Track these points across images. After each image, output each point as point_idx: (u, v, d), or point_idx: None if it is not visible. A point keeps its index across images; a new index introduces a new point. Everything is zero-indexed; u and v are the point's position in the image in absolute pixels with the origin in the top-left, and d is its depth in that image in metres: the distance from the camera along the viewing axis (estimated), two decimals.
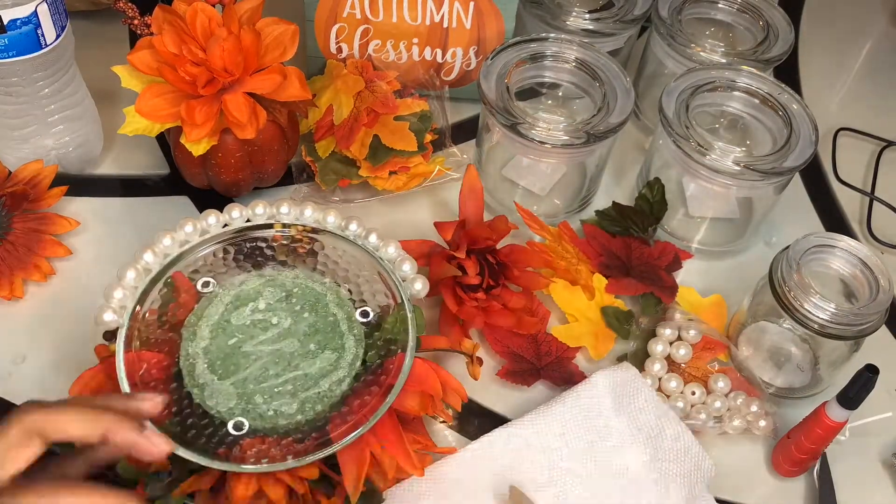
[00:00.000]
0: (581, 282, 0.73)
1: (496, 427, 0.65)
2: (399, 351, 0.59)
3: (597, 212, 0.79)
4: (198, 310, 0.62)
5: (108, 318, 0.59)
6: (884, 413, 0.69)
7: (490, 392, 0.69)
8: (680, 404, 0.68)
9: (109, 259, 0.73)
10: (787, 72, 1.00)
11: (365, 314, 0.62)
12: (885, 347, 0.75)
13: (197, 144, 0.68)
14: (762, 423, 0.67)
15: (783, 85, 0.77)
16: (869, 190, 0.88)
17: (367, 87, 0.79)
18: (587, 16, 0.82)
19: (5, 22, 0.65)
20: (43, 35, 0.68)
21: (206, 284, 0.63)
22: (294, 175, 0.79)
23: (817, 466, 0.66)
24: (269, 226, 0.66)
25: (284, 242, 0.66)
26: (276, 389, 0.58)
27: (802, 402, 0.70)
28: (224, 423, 0.57)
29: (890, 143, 0.93)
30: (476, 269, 0.68)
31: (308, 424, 0.57)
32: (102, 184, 0.79)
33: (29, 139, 0.74)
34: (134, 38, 0.70)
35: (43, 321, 0.69)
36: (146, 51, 0.68)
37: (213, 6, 0.67)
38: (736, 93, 0.78)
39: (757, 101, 0.77)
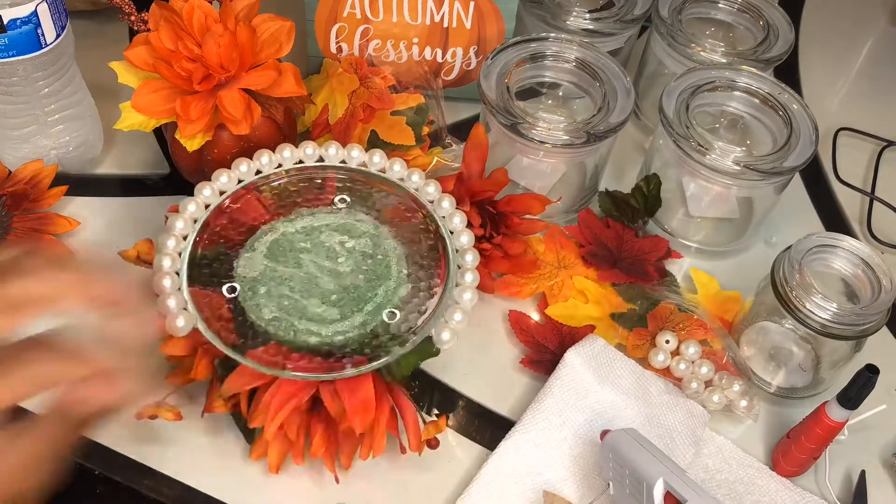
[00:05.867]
0: (569, 291, 0.74)
1: (491, 425, 0.66)
2: (368, 359, 0.59)
3: (599, 193, 0.80)
4: (317, 211, 0.66)
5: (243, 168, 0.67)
6: (883, 412, 0.69)
7: (487, 392, 0.69)
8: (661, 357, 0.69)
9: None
10: (787, 72, 1.00)
11: (392, 315, 0.62)
12: (885, 347, 0.75)
13: (192, 140, 0.68)
14: (743, 402, 0.67)
15: (783, 85, 0.77)
16: (869, 190, 0.88)
17: (361, 83, 0.79)
18: (587, 15, 0.82)
19: (5, 21, 0.65)
20: (43, 35, 0.68)
21: (342, 201, 0.67)
22: None
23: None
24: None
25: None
26: (278, 293, 0.61)
27: (804, 402, 0.70)
28: (228, 286, 0.61)
29: (890, 143, 0.93)
30: (479, 221, 0.69)
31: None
32: (102, 183, 0.79)
33: (29, 139, 0.74)
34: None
35: (42, 321, 0.69)
36: (142, 47, 0.68)
37: (210, 2, 0.68)
38: (736, 93, 0.78)
39: (757, 100, 0.77)
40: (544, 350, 0.70)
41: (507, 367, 0.70)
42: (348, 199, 0.67)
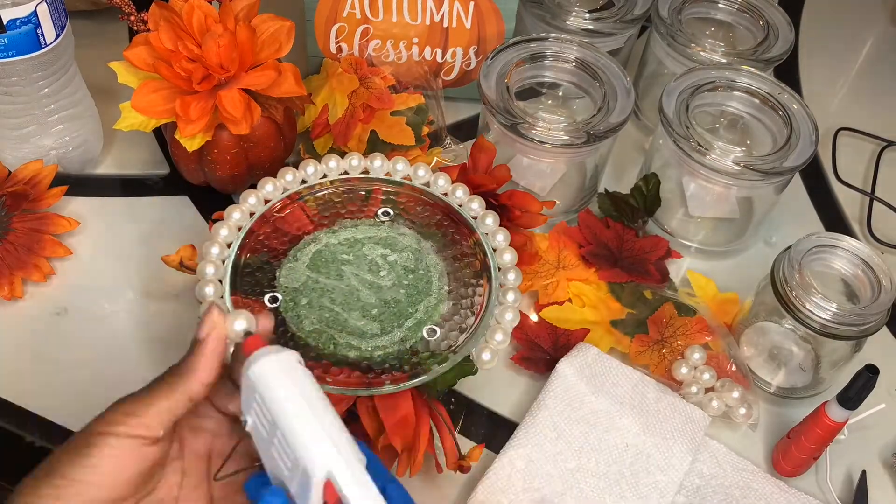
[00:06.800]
0: (562, 293, 0.74)
1: (494, 424, 0.66)
2: (409, 375, 0.59)
3: (599, 194, 0.80)
4: (359, 223, 0.67)
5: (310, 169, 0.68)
6: (883, 413, 0.69)
7: (488, 391, 0.69)
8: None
9: (109, 259, 0.73)
10: (787, 72, 1.00)
11: (432, 332, 0.62)
12: (885, 347, 0.75)
13: (191, 140, 0.68)
14: (742, 410, 0.67)
15: (783, 85, 0.77)
16: (869, 190, 0.88)
17: (361, 83, 0.79)
18: (587, 15, 0.82)
19: (5, 21, 0.65)
20: (43, 35, 0.67)
21: (385, 214, 0.68)
22: None
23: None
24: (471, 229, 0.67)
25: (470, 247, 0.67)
26: (319, 305, 0.61)
27: (804, 402, 0.70)
28: (269, 295, 0.61)
29: (890, 143, 0.93)
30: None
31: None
32: (102, 183, 0.79)
33: (29, 139, 0.74)
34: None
35: (42, 321, 0.69)
36: (142, 47, 0.68)
37: (210, 2, 0.68)
38: (736, 93, 0.78)
39: (757, 100, 0.77)
40: (537, 348, 0.70)
41: (506, 366, 0.70)
42: (391, 213, 0.68)
